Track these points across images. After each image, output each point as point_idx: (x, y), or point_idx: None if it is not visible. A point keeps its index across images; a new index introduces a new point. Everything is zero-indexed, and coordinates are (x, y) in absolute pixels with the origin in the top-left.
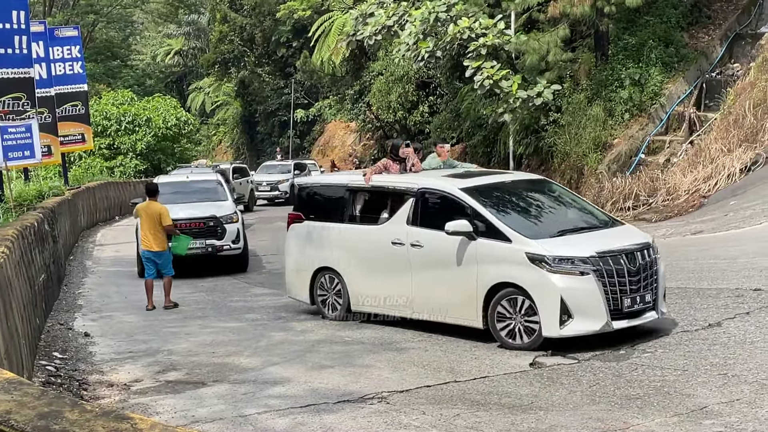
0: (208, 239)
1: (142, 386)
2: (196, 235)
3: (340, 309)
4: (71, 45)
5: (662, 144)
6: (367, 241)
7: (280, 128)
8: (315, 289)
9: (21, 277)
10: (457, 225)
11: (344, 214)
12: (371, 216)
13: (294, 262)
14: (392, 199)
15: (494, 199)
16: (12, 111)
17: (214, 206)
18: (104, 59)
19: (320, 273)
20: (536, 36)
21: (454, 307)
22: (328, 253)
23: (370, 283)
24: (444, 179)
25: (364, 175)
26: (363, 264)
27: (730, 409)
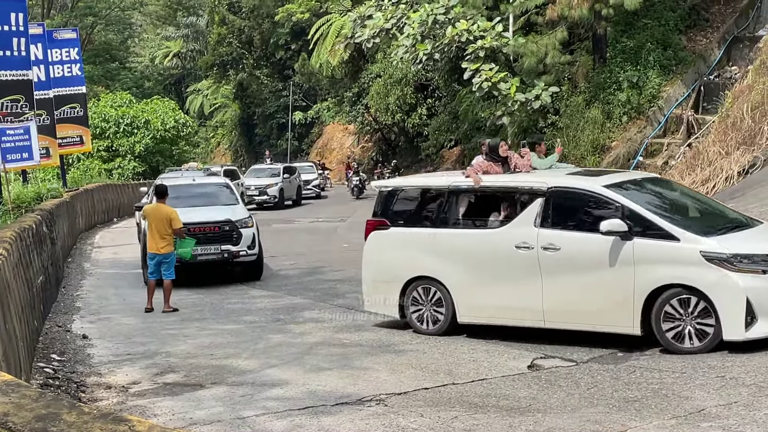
0: (223, 245)
1: (140, 388)
2: (210, 240)
3: (442, 321)
4: (70, 47)
5: (660, 147)
6: (481, 246)
7: (278, 130)
8: (406, 301)
9: (19, 279)
10: (613, 224)
11: (446, 219)
12: (480, 219)
13: (377, 273)
14: (508, 200)
15: (637, 196)
16: (10, 113)
17: (228, 210)
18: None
19: (414, 284)
20: (534, 38)
21: (604, 313)
22: (427, 262)
23: (483, 292)
24: (578, 178)
25: (466, 176)
26: (474, 271)
27: (728, 411)
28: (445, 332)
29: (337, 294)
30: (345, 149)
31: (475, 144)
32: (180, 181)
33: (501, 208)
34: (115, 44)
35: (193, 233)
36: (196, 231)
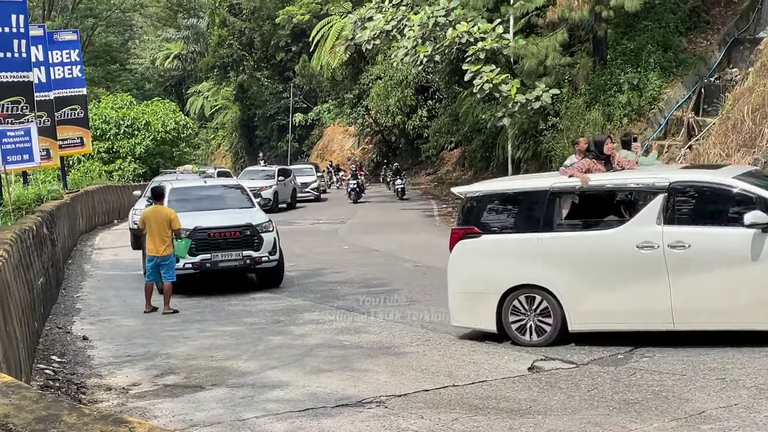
0: (245, 250)
1: (140, 390)
2: (231, 246)
3: (551, 331)
4: (70, 49)
5: (661, 149)
6: (595, 248)
7: (278, 132)
8: (504, 312)
9: (19, 280)
10: (757, 216)
11: (550, 222)
12: (590, 220)
13: (467, 284)
14: (622, 198)
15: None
16: (11, 115)
17: (246, 213)
18: (103, 63)
19: (514, 293)
20: (535, 40)
21: (746, 309)
22: (530, 269)
23: (599, 297)
24: (700, 172)
25: (570, 176)
26: (587, 276)
27: (728, 413)
28: (553, 342)
29: (337, 296)
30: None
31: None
32: (191, 184)
33: (613, 208)
34: (116, 46)
35: (213, 239)
36: (216, 236)
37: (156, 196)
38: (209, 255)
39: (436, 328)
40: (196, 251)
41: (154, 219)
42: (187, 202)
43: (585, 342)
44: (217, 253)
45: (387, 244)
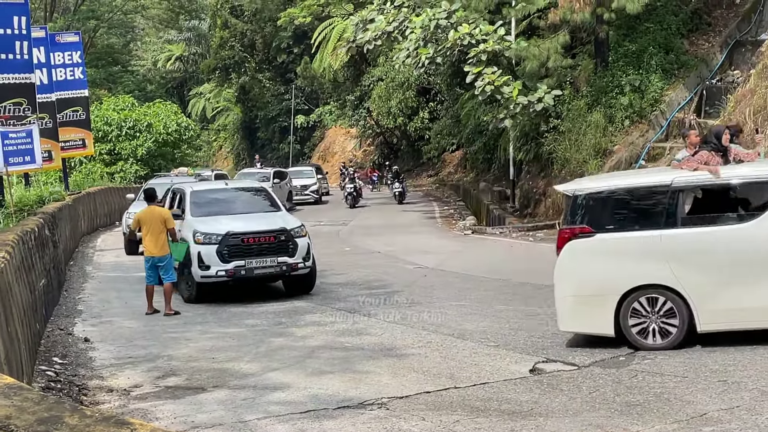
0: (280, 256)
1: (142, 391)
2: (266, 252)
3: (676, 333)
4: (72, 50)
5: (663, 151)
6: (728, 244)
7: (280, 134)
8: (623, 315)
9: (21, 282)
10: None
11: (673, 218)
12: (716, 215)
13: (580, 287)
14: (754, 191)
15: None
16: (13, 116)
17: (278, 217)
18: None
19: (634, 294)
20: (536, 42)
21: None
22: (652, 268)
23: (732, 295)
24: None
25: (693, 170)
26: (719, 272)
27: (729, 416)
28: (679, 345)
29: (338, 297)
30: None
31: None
32: (212, 186)
33: (744, 202)
34: (118, 48)
35: (247, 244)
36: (250, 242)
37: (148, 198)
38: (243, 262)
39: (437, 330)
40: (229, 257)
41: (149, 220)
42: (210, 206)
43: (585, 346)
44: (251, 259)
45: (388, 245)
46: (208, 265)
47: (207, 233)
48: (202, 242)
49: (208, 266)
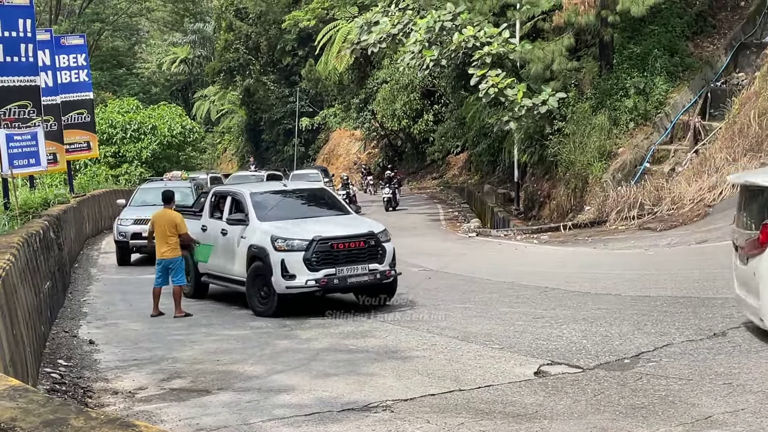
0: (371, 263)
1: (147, 394)
2: (356, 258)
3: None
4: (77, 53)
5: (667, 153)
6: None
7: (285, 136)
8: None
9: (26, 284)
10: None
11: None
12: None
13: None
14: None
15: None
16: (18, 119)
17: (358, 220)
18: (110, 67)
19: None
20: (541, 45)
21: None
22: None
23: None
24: None
25: None
26: None
27: (734, 418)
28: None
29: (343, 300)
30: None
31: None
32: (272, 188)
33: None
34: (123, 50)
35: (337, 250)
36: (340, 248)
37: (165, 200)
38: (333, 270)
39: (441, 333)
40: (317, 265)
41: (160, 222)
42: (275, 210)
43: (590, 348)
44: (342, 267)
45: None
46: (293, 274)
47: (290, 239)
48: (284, 249)
49: (294, 275)
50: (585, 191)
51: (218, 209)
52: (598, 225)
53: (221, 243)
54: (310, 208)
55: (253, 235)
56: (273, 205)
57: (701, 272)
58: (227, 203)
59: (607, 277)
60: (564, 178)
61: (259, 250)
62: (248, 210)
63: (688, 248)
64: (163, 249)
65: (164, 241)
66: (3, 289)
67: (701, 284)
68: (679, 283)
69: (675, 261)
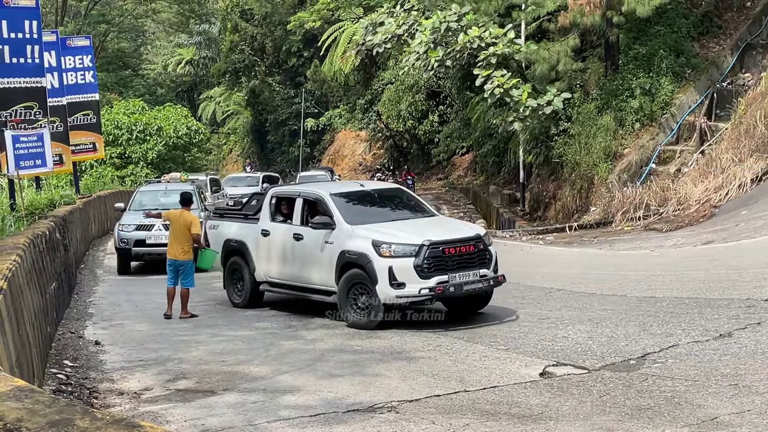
0: (481, 268)
1: (152, 395)
2: (466, 263)
3: None
4: (83, 54)
5: (673, 154)
6: None
7: (290, 137)
8: None
9: (32, 285)
10: None
11: None
12: None
13: None
14: None
15: None
16: (24, 120)
17: (457, 222)
18: (116, 69)
19: None
20: (546, 45)
21: None
22: None
23: None
24: None
25: None
26: None
27: (741, 419)
28: None
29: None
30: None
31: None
32: (349, 189)
33: None
34: (128, 52)
35: (448, 255)
36: (451, 252)
37: (184, 202)
38: (446, 276)
39: (447, 333)
40: (429, 272)
41: (176, 222)
42: (362, 213)
43: (606, 348)
44: (454, 273)
45: None
46: (402, 282)
47: (397, 244)
48: (390, 255)
49: (403, 283)
50: (590, 192)
51: (279, 212)
52: (603, 226)
53: (293, 249)
54: (395, 210)
55: (345, 240)
56: (357, 207)
57: (707, 273)
58: (298, 206)
59: (613, 277)
60: (569, 179)
61: (359, 256)
62: (333, 213)
63: (694, 249)
64: (176, 250)
65: (179, 242)
66: (9, 290)
67: (707, 285)
68: (684, 284)
69: (681, 262)
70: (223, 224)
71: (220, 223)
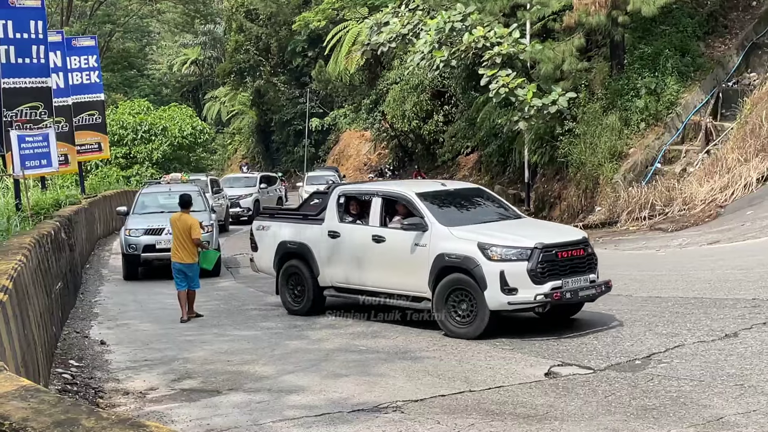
0: (589, 273)
1: (158, 394)
2: (577, 268)
3: None
4: (88, 54)
5: (678, 153)
6: None
7: (295, 137)
8: None
9: (38, 285)
10: None
11: None
12: None
13: None
14: None
15: None
16: (29, 120)
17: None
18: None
19: None
20: (551, 45)
21: None
22: None
23: None
24: None
25: None
26: None
27: (746, 420)
28: None
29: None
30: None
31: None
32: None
33: None
34: (134, 52)
35: (561, 260)
36: (563, 256)
37: (183, 204)
38: (560, 282)
39: None
40: (542, 277)
41: (176, 226)
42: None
43: (611, 348)
44: (567, 279)
45: None
46: (514, 287)
47: (508, 246)
48: (501, 259)
49: (515, 289)
50: (596, 192)
51: (348, 212)
52: (608, 226)
53: (372, 252)
54: (482, 210)
55: (441, 243)
56: (445, 208)
57: (712, 273)
58: (375, 206)
59: (618, 277)
60: (575, 179)
61: (463, 259)
62: (424, 213)
63: (700, 249)
64: (181, 253)
65: (181, 245)
66: (15, 290)
67: (713, 285)
68: (690, 284)
69: (686, 262)
70: (275, 225)
71: (271, 224)
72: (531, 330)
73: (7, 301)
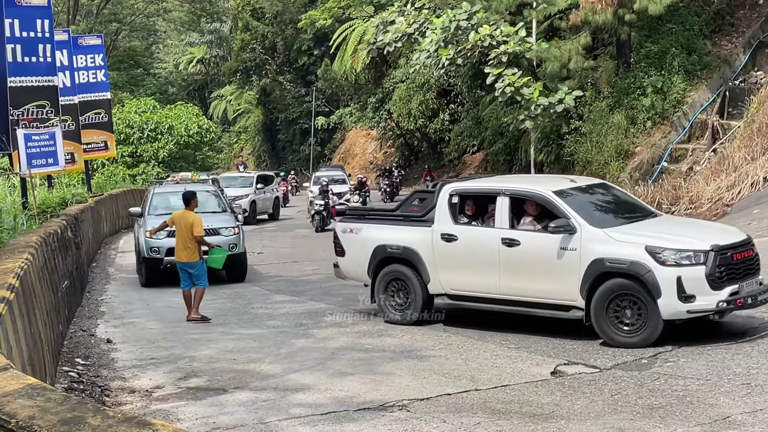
0: (757, 276)
1: (164, 393)
2: (750, 269)
3: None
4: (95, 53)
5: (685, 152)
6: None
7: (301, 136)
8: None
9: (44, 283)
10: None
11: None
12: None
13: None
14: None
15: None
16: (36, 119)
17: (706, 223)
18: (127, 67)
19: None
20: (557, 44)
21: None
22: None
23: None
24: None
25: None
26: None
27: (753, 419)
28: None
29: (359, 299)
30: (367, 155)
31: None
32: (562, 184)
33: None
34: (140, 50)
35: (735, 262)
36: (738, 258)
37: (185, 201)
38: (737, 286)
39: (457, 332)
40: (720, 282)
41: (179, 223)
42: (596, 212)
43: (617, 348)
44: (742, 282)
45: None
46: (691, 294)
47: (683, 250)
48: (676, 263)
49: (692, 296)
50: None
51: (463, 213)
52: None
53: (502, 257)
54: (621, 208)
55: (596, 246)
56: (588, 207)
57: None
58: (502, 206)
59: None
60: None
61: (631, 265)
62: (569, 214)
63: None
64: (183, 252)
65: (183, 244)
66: (21, 288)
67: None
68: None
69: None
70: (366, 228)
71: (363, 227)
72: (537, 329)
73: (14, 300)
